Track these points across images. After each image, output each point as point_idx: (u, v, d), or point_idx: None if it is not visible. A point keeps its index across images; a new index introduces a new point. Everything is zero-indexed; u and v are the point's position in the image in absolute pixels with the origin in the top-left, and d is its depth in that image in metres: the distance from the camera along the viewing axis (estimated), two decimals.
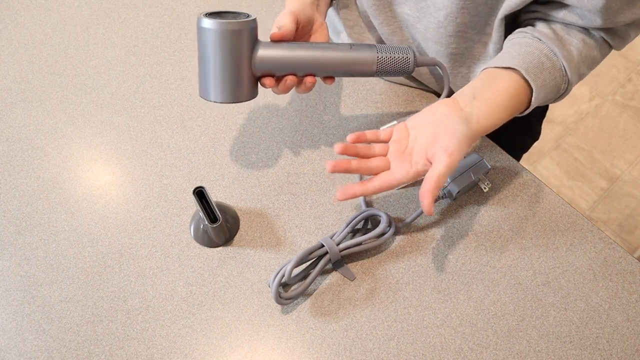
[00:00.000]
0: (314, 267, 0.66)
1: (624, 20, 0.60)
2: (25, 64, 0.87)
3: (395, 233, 0.71)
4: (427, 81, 0.82)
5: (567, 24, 0.64)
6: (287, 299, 0.64)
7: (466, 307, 0.66)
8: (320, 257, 0.66)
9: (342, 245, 0.66)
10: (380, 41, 0.81)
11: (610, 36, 0.64)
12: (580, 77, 0.67)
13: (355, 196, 0.62)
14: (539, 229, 0.71)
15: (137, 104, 0.83)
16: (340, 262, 0.68)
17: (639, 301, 0.67)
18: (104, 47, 0.89)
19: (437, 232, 0.71)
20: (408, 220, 0.70)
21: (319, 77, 0.67)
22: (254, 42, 0.63)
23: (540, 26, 0.65)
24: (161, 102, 0.83)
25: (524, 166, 0.76)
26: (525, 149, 1.03)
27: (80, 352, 0.64)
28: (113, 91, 0.84)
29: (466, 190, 0.72)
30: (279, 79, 0.65)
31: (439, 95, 0.85)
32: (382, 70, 0.67)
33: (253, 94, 0.65)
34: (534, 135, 1.02)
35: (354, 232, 0.69)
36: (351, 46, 0.66)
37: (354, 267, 0.69)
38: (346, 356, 0.63)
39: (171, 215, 0.73)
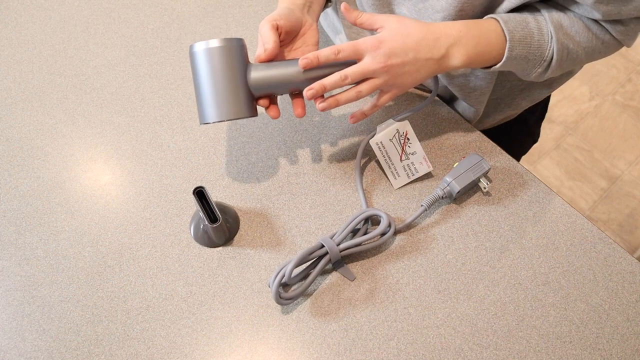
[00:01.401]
0: (314, 267, 0.66)
1: (629, 12, 0.61)
2: (25, 64, 0.87)
3: (395, 233, 0.71)
4: (425, 81, 0.82)
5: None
6: (287, 299, 0.64)
7: (466, 307, 0.66)
8: (320, 258, 0.66)
9: (342, 246, 0.66)
10: None
11: (614, 27, 0.65)
12: (569, 53, 0.66)
13: (365, 116, 0.68)
14: (539, 228, 0.71)
15: (137, 104, 0.83)
16: (341, 262, 0.68)
17: (639, 301, 0.67)
18: (104, 47, 0.89)
19: (437, 232, 0.71)
20: (408, 220, 0.70)
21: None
22: (244, 60, 0.64)
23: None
24: (161, 102, 0.83)
25: (524, 166, 0.76)
26: (524, 151, 1.03)
27: (80, 352, 0.64)
28: (113, 91, 0.84)
29: (466, 190, 0.72)
30: (273, 100, 0.67)
31: (438, 94, 0.85)
32: None
33: (252, 111, 0.65)
34: (533, 137, 1.02)
35: (354, 232, 0.70)
36: (341, 67, 0.65)
37: (353, 267, 0.69)
38: (346, 356, 0.63)
39: (171, 215, 0.73)
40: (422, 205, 0.70)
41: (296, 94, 0.67)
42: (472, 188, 0.74)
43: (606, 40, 0.66)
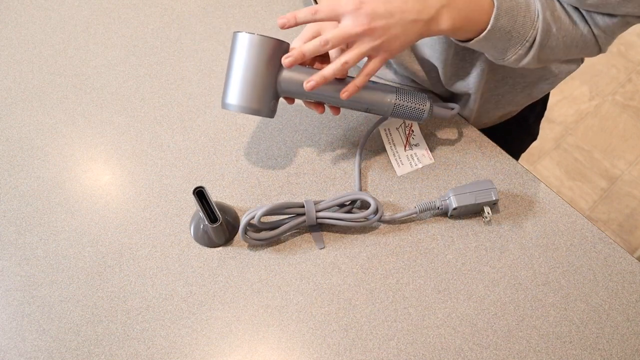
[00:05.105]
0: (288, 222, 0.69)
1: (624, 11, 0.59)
2: (25, 64, 0.87)
3: (394, 231, 0.71)
4: (425, 83, 0.82)
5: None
6: (253, 238, 0.67)
7: (466, 307, 0.66)
8: (297, 216, 0.69)
9: (321, 214, 0.68)
10: None
11: (594, 20, 0.62)
12: (550, 38, 0.62)
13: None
14: (538, 228, 0.71)
15: (137, 104, 0.83)
16: (316, 227, 0.70)
17: (639, 301, 0.67)
18: (104, 47, 0.89)
19: (437, 232, 0.71)
20: (397, 215, 0.70)
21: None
22: (279, 60, 0.65)
23: None
24: (161, 102, 0.83)
25: (524, 166, 0.76)
26: (524, 149, 1.03)
27: (80, 352, 0.64)
28: (113, 91, 0.84)
29: (466, 212, 0.71)
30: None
31: (439, 96, 0.85)
32: (396, 114, 0.69)
33: (272, 111, 0.68)
34: (533, 135, 1.02)
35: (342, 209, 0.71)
36: (373, 83, 0.68)
37: (352, 267, 0.69)
38: (346, 356, 0.63)
39: (171, 215, 0.73)
40: (415, 207, 0.70)
41: (311, 102, 0.69)
42: (472, 213, 0.72)
43: (585, 34, 0.63)
